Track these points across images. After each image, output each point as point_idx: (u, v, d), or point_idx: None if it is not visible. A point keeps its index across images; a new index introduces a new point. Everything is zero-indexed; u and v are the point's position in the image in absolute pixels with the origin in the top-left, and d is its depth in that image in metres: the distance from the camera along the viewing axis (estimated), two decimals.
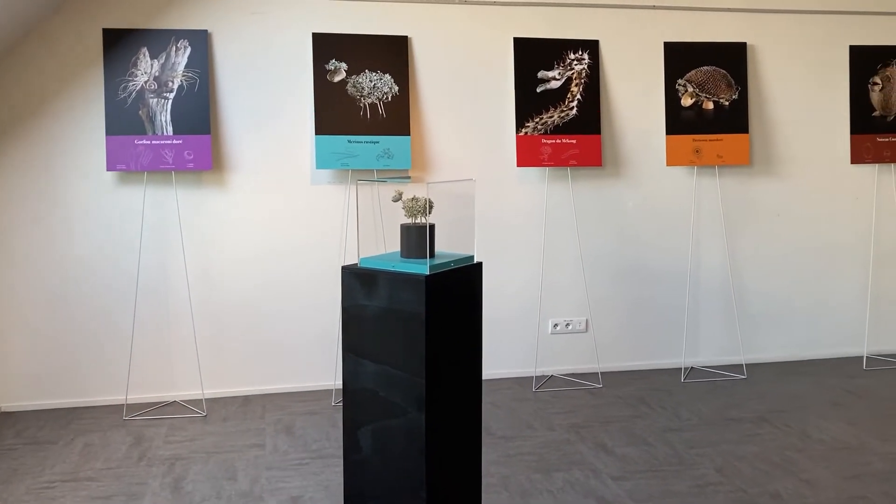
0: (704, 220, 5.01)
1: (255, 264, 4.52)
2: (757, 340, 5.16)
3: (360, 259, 2.53)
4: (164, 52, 4.27)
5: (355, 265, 2.52)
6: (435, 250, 2.57)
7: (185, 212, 4.41)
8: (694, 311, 5.04)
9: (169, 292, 4.43)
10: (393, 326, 2.43)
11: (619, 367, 5.01)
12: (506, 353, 4.85)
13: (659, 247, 4.98)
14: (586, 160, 4.73)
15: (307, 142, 4.52)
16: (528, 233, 4.81)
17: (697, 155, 4.85)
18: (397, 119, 4.52)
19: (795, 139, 5.09)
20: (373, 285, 2.44)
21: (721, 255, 5.03)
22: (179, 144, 4.27)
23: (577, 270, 4.87)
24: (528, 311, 4.85)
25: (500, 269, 4.78)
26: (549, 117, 4.70)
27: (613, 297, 4.96)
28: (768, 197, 5.09)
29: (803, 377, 4.88)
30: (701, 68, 4.87)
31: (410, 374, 2.41)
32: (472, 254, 2.60)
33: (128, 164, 4.22)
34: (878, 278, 5.23)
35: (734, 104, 4.90)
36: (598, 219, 4.90)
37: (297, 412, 4.31)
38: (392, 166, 4.50)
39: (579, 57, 4.75)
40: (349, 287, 2.50)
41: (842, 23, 5.08)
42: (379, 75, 4.50)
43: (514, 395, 4.58)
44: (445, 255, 2.59)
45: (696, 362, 5.09)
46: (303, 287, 4.56)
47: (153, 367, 4.45)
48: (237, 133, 4.45)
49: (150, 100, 4.25)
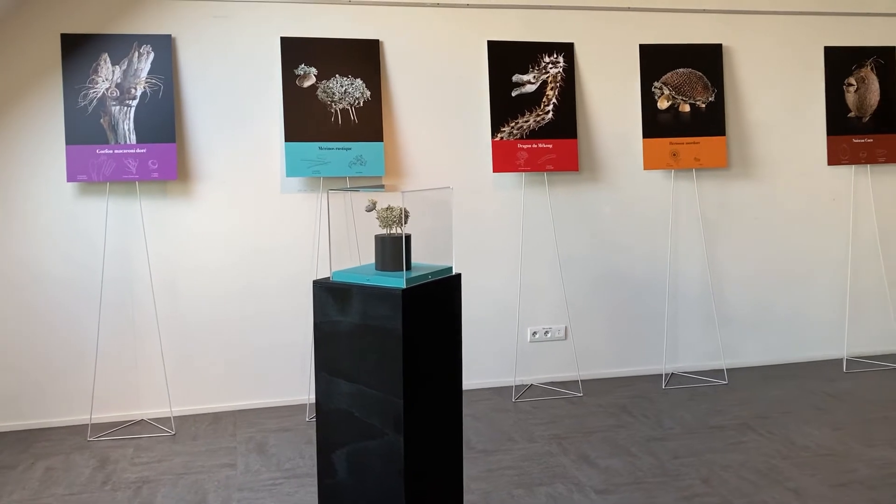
0: (683, 224, 4.95)
1: (223, 276, 4.37)
2: (737, 345, 5.11)
3: (333, 272, 2.41)
4: (126, 57, 4.11)
5: (327, 279, 2.40)
6: (411, 262, 2.46)
7: (150, 223, 4.25)
8: (673, 316, 4.98)
9: (134, 306, 4.26)
10: (368, 343, 2.31)
11: (599, 374, 4.92)
12: (484, 362, 4.75)
13: (637, 252, 4.91)
14: (563, 165, 4.65)
15: (276, 149, 4.39)
16: (506, 239, 4.72)
17: (675, 158, 4.79)
18: (370, 125, 4.40)
19: (772, 141, 5.05)
20: (346, 300, 2.32)
21: (700, 259, 4.97)
22: (143, 153, 4.11)
23: (556, 277, 4.78)
24: (506, 319, 4.76)
25: (477, 277, 4.68)
26: (525, 122, 4.61)
27: (592, 303, 4.88)
28: (746, 200, 5.04)
29: (784, 381, 4.83)
30: (677, 70, 4.81)
31: (387, 393, 2.29)
32: (450, 265, 2.48)
33: (89, 174, 4.05)
34: (856, 280, 5.21)
35: (711, 106, 4.85)
36: (576, 224, 4.81)
37: (270, 429, 4.16)
38: (365, 173, 4.38)
39: (554, 60, 4.66)
40: (321, 302, 2.37)
41: (817, 24, 5.05)
42: (350, 80, 4.38)
43: (494, 405, 4.48)
44: (422, 267, 2.48)
45: (676, 368, 5.02)
46: (274, 299, 4.42)
47: (118, 384, 4.28)
48: (203, 141, 4.31)
49: (111, 107, 4.09)
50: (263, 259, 4.41)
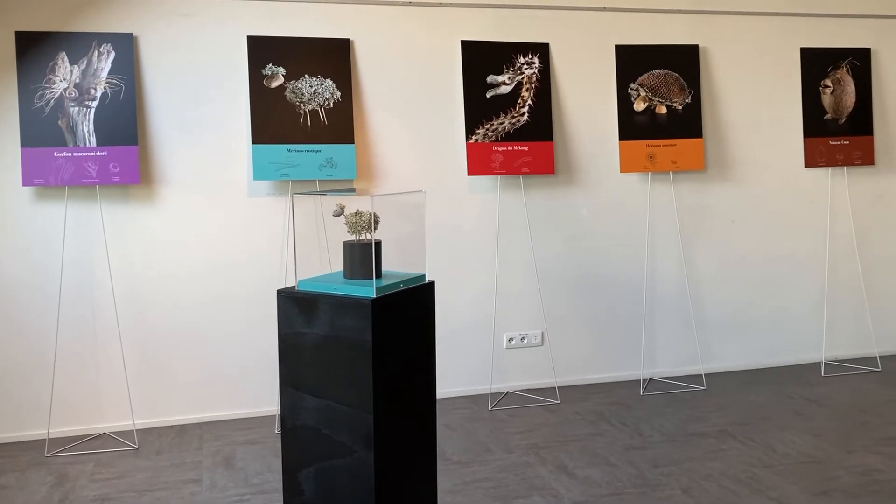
0: (660, 228, 4.88)
1: (189, 284, 4.22)
2: (715, 349, 5.05)
3: (298, 281, 2.29)
4: (86, 56, 3.95)
5: (292, 288, 2.27)
6: (382, 270, 2.34)
7: (112, 229, 4.09)
8: (651, 321, 4.90)
9: (95, 316, 4.10)
10: (336, 356, 2.18)
11: (576, 380, 4.83)
12: (460, 369, 4.64)
13: (614, 255, 4.83)
14: (539, 168, 4.55)
15: (243, 152, 4.25)
16: (481, 244, 4.61)
17: (651, 161, 4.72)
18: (340, 126, 4.27)
19: (749, 143, 5.00)
20: (312, 311, 2.20)
21: (677, 263, 4.90)
22: (104, 156, 3.95)
23: (532, 282, 4.68)
24: (482, 325, 4.65)
25: (451, 283, 4.57)
26: (500, 123, 4.51)
27: (569, 308, 4.79)
28: (723, 202, 4.99)
29: (763, 386, 4.77)
30: (653, 72, 4.74)
31: (357, 408, 2.17)
32: (423, 272, 2.37)
33: (46, 178, 3.88)
34: (834, 282, 5.17)
35: (687, 108, 4.79)
36: (552, 228, 4.72)
37: (238, 441, 4.02)
38: (335, 176, 4.26)
39: (529, 61, 4.57)
40: (286, 313, 2.24)
41: (793, 25, 5.01)
42: (320, 80, 4.26)
43: (470, 414, 4.37)
44: (394, 275, 2.36)
45: (654, 373, 4.95)
46: (242, 307, 4.28)
47: (78, 397, 4.11)
48: (167, 143, 4.15)
49: (70, 109, 3.93)
50: (231, 266, 4.26)
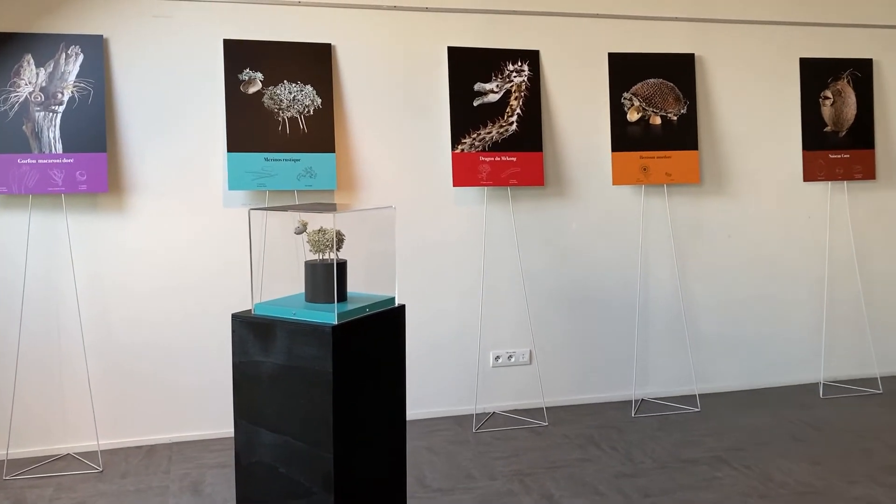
0: (653, 243, 4.71)
1: (159, 298, 4.03)
2: (709, 369, 4.87)
3: (255, 305, 2.10)
4: (52, 59, 3.77)
5: (248, 312, 2.08)
6: (347, 292, 2.15)
7: (78, 241, 3.90)
8: (643, 339, 4.72)
9: (60, 331, 3.90)
10: (294, 388, 2.00)
11: (565, 401, 4.65)
12: (443, 389, 4.45)
13: (606, 271, 4.65)
14: (528, 179, 4.38)
15: (218, 160, 4.07)
16: (467, 258, 4.43)
17: (645, 173, 4.55)
18: (320, 134, 4.10)
19: (747, 156, 4.84)
20: (269, 337, 2.01)
21: (671, 279, 4.73)
22: (70, 164, 3.77)
23: (520, 298, 4.50)
24: (467, 342, 4.46)
25: (435, 298, 4.39)
26: (488, 133, 4.34)
27: (558, 325, 4.61)
28: (719, 217, 4.82)
29: (759, 409, 4.59)
30: (647, 81, 4.58)
31: (316, 446, 1.98)
32: (392, 295, 2.18)
33: (9, 186, 3.70)
34: (833, 300, 5.00)
35: (683, 119, 4.62)
36: (541, 242, 4.55)
37: (208, 464, 3.82)
38: (315, 187, 4.08)
39: (519, 68, 4.40)
40: (241, 339, 2.06)
41: (792, 34, 4.85)
42: (299, 86, 4.08)
43: (453, 436, 4.17)
44: (360, 298, 2.17)
45: (646, 394, 4.76)
46: (214, 323, 4.08)
47: (40, 416, 3.91)
48: (138, 151, 3.97)
49: (35, 113, 3.74)
50: (203, 279, 4.07)
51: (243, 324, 2.05)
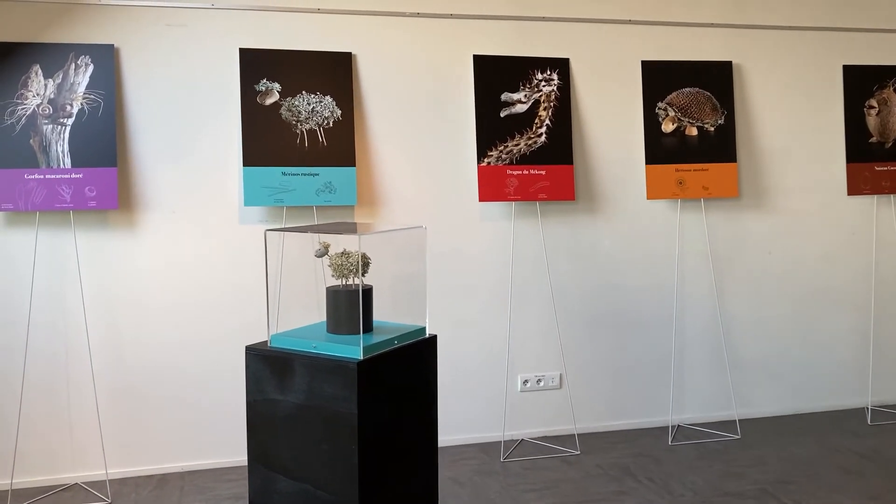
0: (690, 260, 4.47)
1: (171, 319, 3.84)
2: (749, 393, 4.61)
3: (272, 336, 1.89)
4: (61, 70, 3.61)
5: (263, 345, 1.88)
6: (373, 322, 1.94)
7: (87, 259, 3.72)
8: (679, 362, 4.48)
9: (68, 353, 3.73)
10: (315, 430, 1.78)
11: (597, 427, 4.41)
12: (469, 415, 4.23)
13: (640, 290, 4.42)
14: (557, 194, 4.17)
15: (234, 175, 3.89)
16: (493, 277, 4.22)
17: (681, 187, 4.33)
18: (340, 148, 3.91)
19: (787, 168, 4.60)
20: (287, 373, 1.80)
21: (708, 298, 4.49)
22: (79, 179, 3.60)
23: (549, 318, 4.28)
24: (494, 366, 4.24)
25: (460, 319, 4.17)
26: (515, 145, 4.13)
27: (590, 347, 4.38)
28: (759, 232, 4.58)
29: (804, 436, 4.32)
30: (683, 90, 4.36)
31: (338, 495, 1.76)
32: (422, 325, 1.97)
33: (16, 202, 3.53)
34: (880, 320, 4.73)
35: (720, 130, 4.39)
36: (572, 260, 4.32)
37: (223, 495, 3.61)
38: (334, 202, 3.88)
39: (548, 77, 4.20)
40: (256, 375, 1.85)
41: (835, 40, 4.61)
42: (318, 97, 3.90)
43: (479, 466, 3.94)
44: (387, 328, 1.96)
45: (682, 419, 4.51)
46: (229, 345, 3.89)
47: (47, 444, 3.72)
48: (150, 165, 3.80)
49: (43, 126, 3.58)
50: (218, 299, 3.88)
51: (258, 358, 1.84)
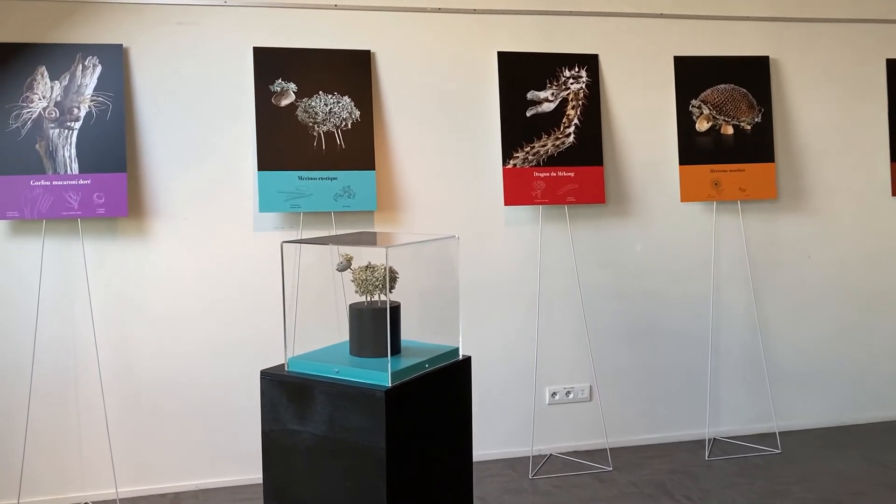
0: (726, 265, 4.27)
1: (184, 330, 3.68)
2: (789, 404, 4.40)
3: (289, 359, 1.71)
4: (68, 71, 3.46)
5: (280, 368, 1.69)
6: (401, 342, 1.75)
7: (95, 269, 3.57)
8: (716, 372, 4.27)
9: (77, 366, 3.57)
10: (337, 465, 1.60)
11: (630, 441, 4.21)
12: (495, 429, 4.04)
13: (673, 297, 4.22)
14: (587, 196, 3.98)
15: (248, 180, 3.72)
16: (519, 283, 4.03)
17: (716, 188, 4.13)
18: (359, 150, 3.73)
19: (828, 168, 4.38)
20: (306, 401, 1.62)
21: (746, 305, 4.27)
22: (87, 185, 3.45)
23: (579, 327, 4.08)
24: (521, 377, 4.05)
25: (485, 328, 3.99)
26: (542, 146, 3.95)
27: (621, 357, 4.18)
28: (798, 236, 4.36)
29: (849, 450, 4.09)
30: (718, 87, 4.16)
31: None
32: (455, 345, 1.78)
33: (21, 210, 3.38)
34: None
35: (757, 128, 4.19)
36: (602, 265, 4.13)
37: None
38: (353, 207, 3.71)
39: (576, 74, 4.01)
40: (272, 403, 1.67)
41: (878, 32, 4.39)
42: (336, 98, 3.72)
43: (507, 483, 3.75)
44: (417, 350, 1.77)
45: (719, 433, 4.30)
46: (244, 357, 3.72)
47: (55, 461, 3.57)
48: (160, 170, 3.64)
49: (49, 130, 3.43)
50: (232, 310, 3.72)
51: (274, 384, 1.66)
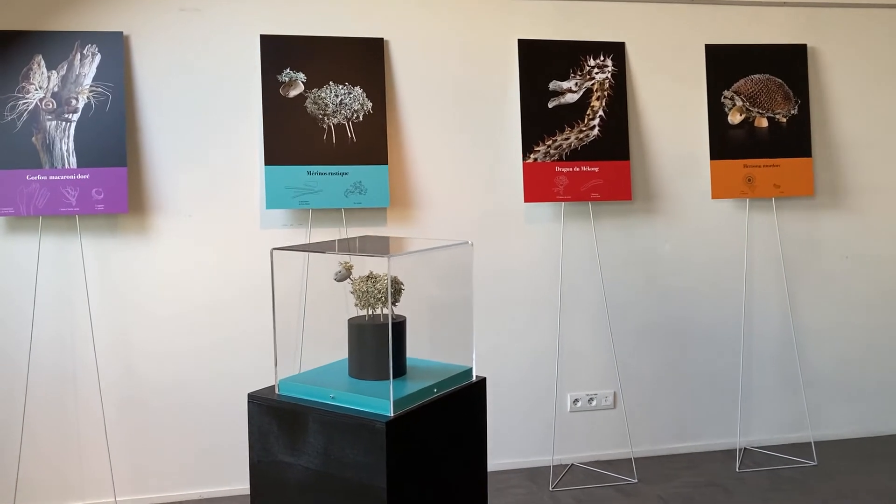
0: (759, 265, 4.04)
1: (187, 333, 3.52)
2: (825, 412, 4.17)
3: (280, 381, 1.52)
4: (66, 60, 3.30)
5: (271, 391, 1.50)
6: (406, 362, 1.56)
7: (94, 268, 3.41)
8: (748, 378, 4.06)
9: (75, 371, 3.43)
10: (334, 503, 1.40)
11: (656, 450, 4.00)
12: (513, 437, 3.85)
13: (703, 299, 4.01)
14: (612, 193, 3.77)
15: (255, 175, 3.55)
16: (540, 284, 3.84)
17: (749, 185, 3.91)
18: (371, 144, 3.55)
19: (869, 163, 4.14)
20: (298, 430, 1.43)
21: (779, 308, 4.05)
22: (86, 180, 3.29)
23: (603, 331, 3.88)
24: (541, 383, 3.86)
25: (503, 331, 3.80)
26: (565, 139, 3.74)
27: (647, 362, 3.98)
28: (836, 235, 4.13)
29: (889, 462, 3.87)
30: (752, 77, 3.93)
31: None
32: (468, 365, 1.58)
33: (17, 206, 3.23)
34: None
35: (793, 121, 3.95)
36: (628, 266, 3.92)
37: None
38: (365, 204, 3.53)
39: (601, 63, 3.80)
40: (260, 431, 1.48)
41: None
42: (347, 88, 3.54)
43: (526, 495, 3.56)
44: (424, 371, 1.57)
45: (750, 442, 4.08)
46: (251, 361, 3.55)
47: (51, 468, 3.43)
48: (163, 165, 3.47)
49: (46, 123, 3.27)
50: (238, 312, 3.55)
51: (263, 409, 1.47)
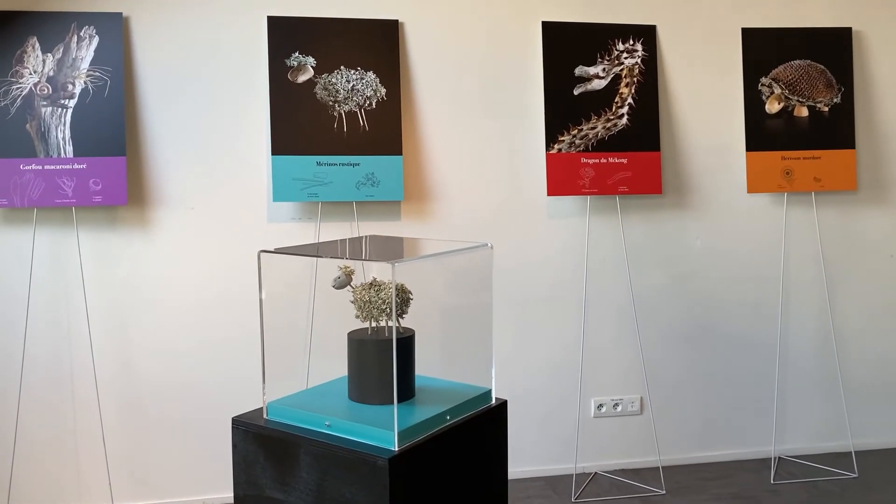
0: (797, 264, 3.83)
1: (189, 331, 3.36)
2: (866, 421, 3.96)
3: (269, 404, 1.31)
4: (62, 43, 3.13)
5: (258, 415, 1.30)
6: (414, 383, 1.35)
7: (92, 262, 3.26)
8: (783, 384, 3.85)
9: (72, 370, 3.28)
10: None
11: (685, 459, 3.80)
12: (535, 443, 3.67)
13: (737, 300, 3.81)
14: (641, 186, 3.57)
15: (262, 165, 3.36)
16: (563, 283, 3.65)
17: (788, 178, 3.69)
18: (385, 133, 3.35)
19: None
20: (289, 463, 1.22)
21: (818, 309, 3.85)
22: (83, 170, 3.12)
23: (630, 333, 3.68)
24: (564, 388, 3.67)
25: (524, 332, 3.62)
26: (591, 128, 3.53)
27: (677, 366, 3.78)
28: (880, 233, 3.91)
29: None
30: (792, 63, 3.72)
31: None
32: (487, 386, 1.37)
33: (10, 197, 3.08)
34: None
35: (836, 110, 3.73)
36: (657, 264, 3.72)
37: None
38: (378, 197, 3.33)
39: (630, 48, 3.59)
40: (245, 461, 1.28)
41: None
42: (359, 74, 3.34)
43: None
44: (436, 394, 1.37)
45: (785, 451, 3.87)
46: (255, 360, 3.36)
47: (46, 473, 3.29)
48: (164, 154, 3.31)
49: (41, 109, 3.10)
50: (242, 309, 3.38)
51: (249, 436, 1.27)
